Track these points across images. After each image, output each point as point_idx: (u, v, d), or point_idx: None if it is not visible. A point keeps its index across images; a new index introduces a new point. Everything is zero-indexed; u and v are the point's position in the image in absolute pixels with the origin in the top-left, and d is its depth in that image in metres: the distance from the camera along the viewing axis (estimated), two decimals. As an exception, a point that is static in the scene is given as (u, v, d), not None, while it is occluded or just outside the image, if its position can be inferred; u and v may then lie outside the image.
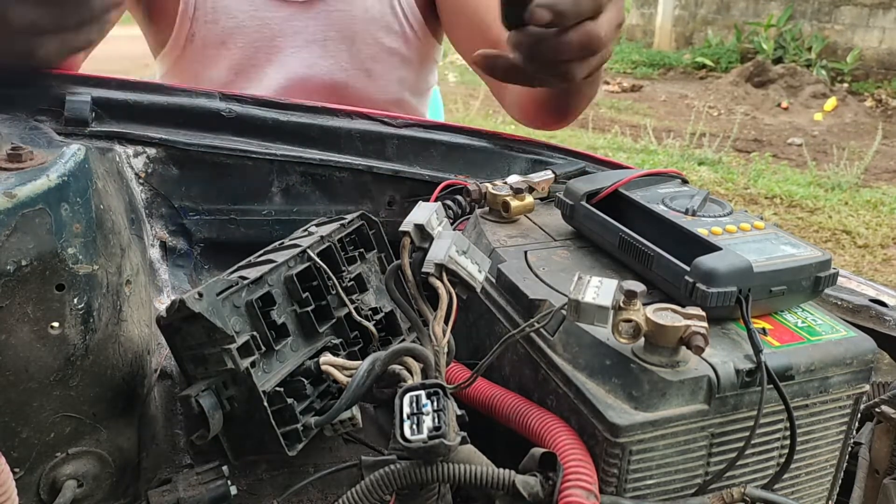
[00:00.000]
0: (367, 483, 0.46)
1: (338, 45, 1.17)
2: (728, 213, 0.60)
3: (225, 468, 0.59)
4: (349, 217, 0.69)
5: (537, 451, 0.48)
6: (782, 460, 0.51)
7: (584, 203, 0.64)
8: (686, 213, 0.59)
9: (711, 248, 0.54)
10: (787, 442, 0.50)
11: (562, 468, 0.46)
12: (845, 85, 7.55)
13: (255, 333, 0.56)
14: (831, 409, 0.53)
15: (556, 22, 0.60)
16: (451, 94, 6.84)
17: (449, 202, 0.75)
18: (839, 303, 0.73)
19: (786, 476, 0.51)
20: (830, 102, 6.95)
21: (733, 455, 0.49)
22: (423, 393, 0.46)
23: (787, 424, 0.49)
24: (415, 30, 1.21)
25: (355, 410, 0.55)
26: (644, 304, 0.47)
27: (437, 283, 0.51)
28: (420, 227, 0.52)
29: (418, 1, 1.20)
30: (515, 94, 1.10)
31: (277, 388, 0.55)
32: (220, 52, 1.14)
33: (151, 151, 0.81)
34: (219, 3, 1.12)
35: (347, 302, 0.63)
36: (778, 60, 7.94)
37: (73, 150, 0.61)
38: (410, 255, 0.53)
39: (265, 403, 0.54)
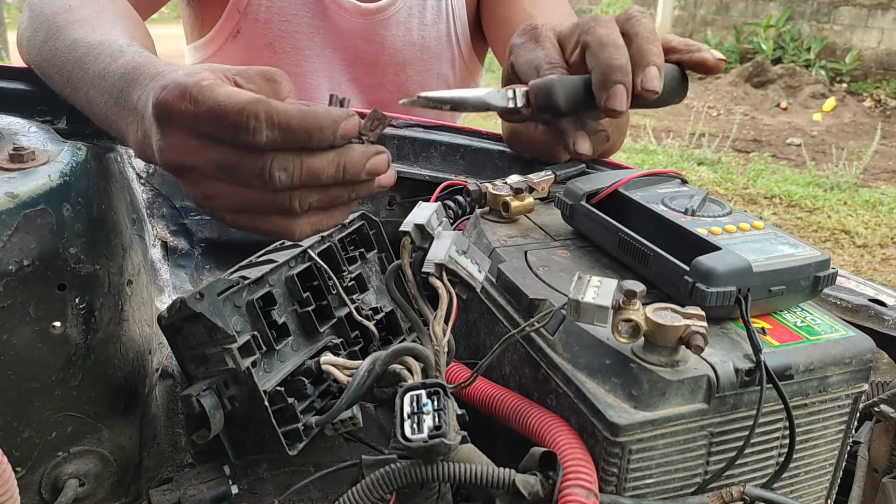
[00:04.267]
0: (367, 482, 0.46)
1: (387, 67, 1.16)
2: (727, 213, 0.60)
3: (226, 467, 0.59)
4: (350, 217, 0.69)
5: (537, 450, 0.48)
6: (781, 459, 0.52)
7: (583, 203, 0.64)
8: (685, 212, 0.60)
9: (711, 247, 0.54)
10: (787, 441, 0.50)
11: (562, 467, 0.46)
12: (844, 85, 7.55)
13: (255, 333, 0.56)
14: (830, 409, 0.53)
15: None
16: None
17: (449, 202, 0.75)
18: (838, 302, 0.73)
19: (785, 475, 0.51)
20: (829, 103, 6.95)
21: (732, 454, 0.49)
22: (423, 392, 0.46)
23: (787, 424, 0.50)
24: (463, 55, 1.21)
25: (356, 410, 0.55)
26: (644, 304, 0.48)
27: (438, 283, 0.51)
28: (420, 227, 0.53)
29: (470, 24, 1.19)
30: None
31: (278, 388, 0.55)
32: (265, 53, 1.12)
33: (152, 151, 0.81)
34: (273, 2, 1.10)
35: (348, 302, 0.63)
36: (777, 61, 7.94)
37: (75, 150, 0.61)
38: (410, 255, 0.53)
39: (266, 403, 0.54)
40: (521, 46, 0.65)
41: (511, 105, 0.60)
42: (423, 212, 0.54)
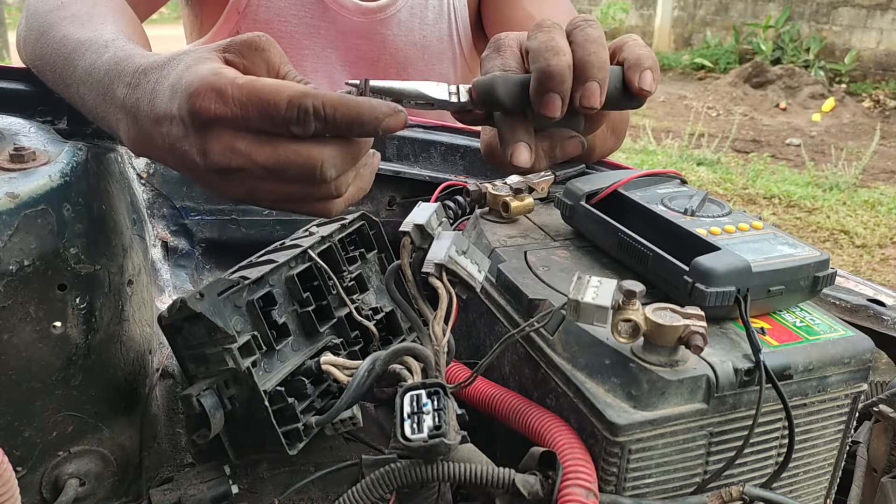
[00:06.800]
0: (367, 482, 0.46)
1: (388, 67, 1.16)
2: (727, 214, 0.60)
3: (226, 467, 0.59)
4: (350, 217, 0.69)
5: (537, 449, 0.49)
6: (781, 459, 0.52)
7: (583, 203, 0.64)
8: (685, 213, 0.60)
9: (710, 248, 0.54)
10: (786, 441, 0.51)
11: (561, 467, 0.47)
12: (843, 86, 7.56)
13: (256, 333, 0.56)
14: (829, 409, 0.53)
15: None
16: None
17: (449, 202, 0.75)
18: (837, 302, 0.74)
19: (784, 475, 0.51)
20: (828, 103, 6.96)
21: (732, 454, 0.49)
22: (423, 392, 0.46)
23: (786, 423, 0.50)
24: (465, 54, 1.21)
25: (356, 410, 0.55)
26: (643, 304, 0.48)
27: (437, 283, 0.51)
28: (420, 228, 0.53)
29: (472, 23, 1.19)
30: None
31: (278, 388, 0.55)
32: None
33: (152, 152, 0.81)
34: (273, 2, 1.10)
35: (348, 302, 0.63)
36: (776, 61, 7.95)
37: (75, 151, 0.61)
38: (410, 255, 0.53)
39: (266, 403, 0.54)
40: (486, 58, 0.65)
41: (454, 100, 0.59)
42: (423, 212, 0.54)
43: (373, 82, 0.56)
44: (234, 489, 0.58)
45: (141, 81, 0.54)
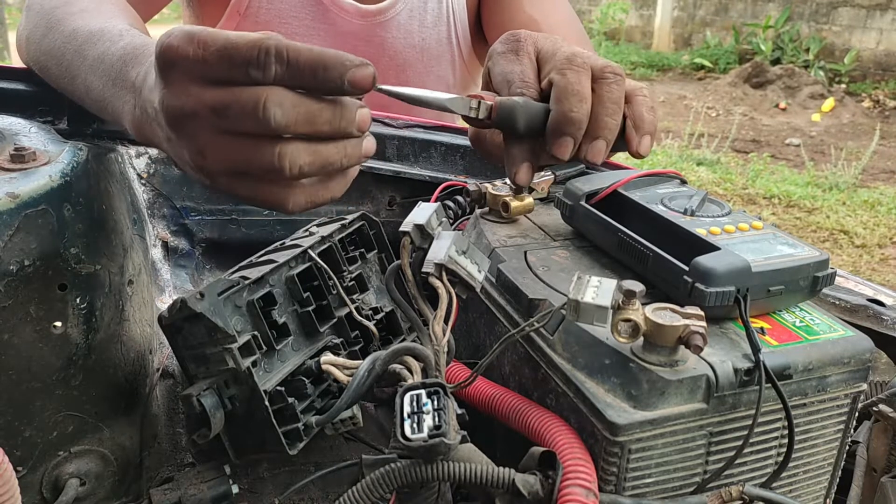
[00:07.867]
0: (367, 481, 0.46)
1: (387, 70, 1.16)
2: (726, 213, 0.60)
3: (226, 467, 0.59)
4: (350, 217, 0.69)
5: (537, 449, 0.49)
6: (780, 459, 0.52)
7: (583, 203, 0.64)
8: (685, 213, 0.60)
9: (710, 247, 0.54)
10: (785, 441, 0.51)
11: (561, 467, 0.47)
12: (843, 86, 7.56)
13: (256, 333, 0.56)
14: (829, 408, 0.53)
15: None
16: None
17: (449, 202, 0.75)
18: (837, 302, 0.74)
19: (784, 474, 0.51)
20: (828, 103, 6.96)
21: (732, 454, 0.49)
22: (423, 392, 0.46)
23: (786, 423, 0.50)
24: (464, 57, 1.21)
25: (356, 409, 0.55)
26: (643, 304, 0.48)
27: (437, 283, 0.51)
28: (420, 228, 0.53)
29: (471, 26, 1.19)
30: None
31: (278, 388, 0.55)
32: None
33: (153, 152, 0.82)
34: (274, 4, 1.11)
35: (348, 302, 0.63)
36: (776, 61, 7.95)
37: (76, 151, 0.61)
38: (410, 255, 0.53)
39: (266, 403, 0.54)
40: (501, 56, 0.65)
41: (472, 115, 0.60)
42: (423, 212, 0.54)
43: (395, 88, 0.56)
44: (235, 489, 0.58)
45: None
